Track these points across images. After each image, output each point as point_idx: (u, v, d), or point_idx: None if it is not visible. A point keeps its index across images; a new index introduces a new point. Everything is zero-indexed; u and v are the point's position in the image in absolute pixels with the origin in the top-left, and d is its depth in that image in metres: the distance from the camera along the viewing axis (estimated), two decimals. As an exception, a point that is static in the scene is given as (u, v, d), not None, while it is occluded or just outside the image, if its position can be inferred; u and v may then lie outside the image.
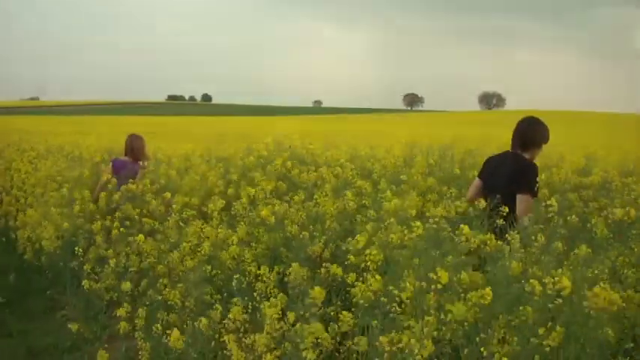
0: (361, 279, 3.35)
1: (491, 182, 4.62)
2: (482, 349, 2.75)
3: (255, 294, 3.77)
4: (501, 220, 3.80)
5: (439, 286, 2.81)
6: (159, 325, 4.02)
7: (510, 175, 4.46)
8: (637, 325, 2.99)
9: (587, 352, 2.73)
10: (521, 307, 2.75)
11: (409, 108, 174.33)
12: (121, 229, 5.57)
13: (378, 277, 3.22)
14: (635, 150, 7.47)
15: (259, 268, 3.97)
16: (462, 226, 3.32)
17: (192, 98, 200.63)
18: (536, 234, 3.32)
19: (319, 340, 3.09)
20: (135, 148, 7.41)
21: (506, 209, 3.90)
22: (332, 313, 3.53)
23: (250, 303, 3.71)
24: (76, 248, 5.62)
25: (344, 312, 3.24)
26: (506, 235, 3.31)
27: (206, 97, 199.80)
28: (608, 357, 2.76)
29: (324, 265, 3.87)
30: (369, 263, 3.39)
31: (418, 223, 3.31)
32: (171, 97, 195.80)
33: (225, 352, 3.50)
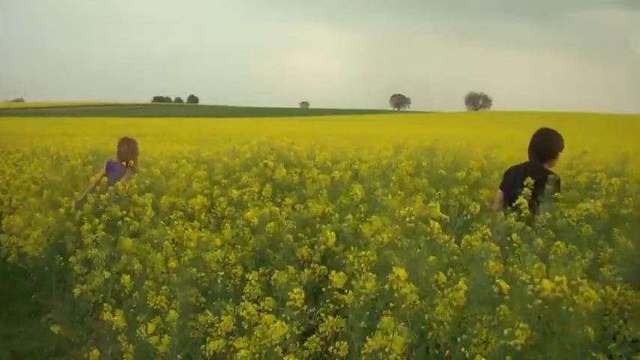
0: (352, 281, 3.35)
1: (512, 193, 4.44)
2: (463, 349, 2.78)
3: (243, 297, 3.77)
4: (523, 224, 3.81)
5: (401, 284, 2.80)
6: (144, 327, 4.00)
7: (534, 186, 4.38)
8: (616, 323, 3.03)
9: (568, 350, 2.76)
10: (497, 307, 2.78)
11: (396, 109, 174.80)
12: (102, 232, 5.52)
13: (372, 275, 3.21)
14: (625, 150, 7.55)
15: (246, 271, 3.97)
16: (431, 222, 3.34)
17: (178, 100, 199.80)
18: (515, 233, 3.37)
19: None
20: (124, 151, 7.39)
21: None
22: (319, 315, 3.53)
23: (236, 306, 3.70)
24: (58, 257, 5.57)
25: (330, 317, 3.24)
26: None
27: (192, 99, 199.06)
28: (589, 355, 2.78)
29: (311, 266, 3.88)
30: (362, 265, 3.39)
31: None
32: (157, 99, 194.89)
33: (210, 354, 3.49)
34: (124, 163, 7.18)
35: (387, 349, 2.68)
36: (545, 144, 4.98)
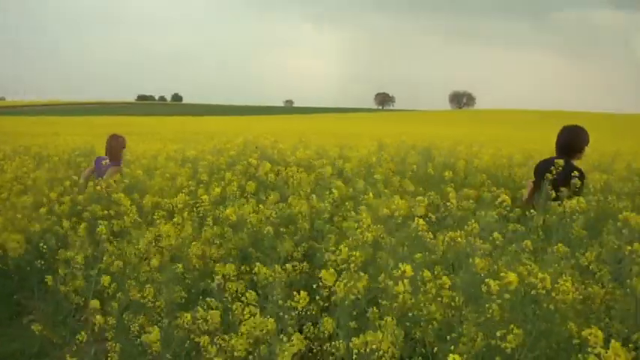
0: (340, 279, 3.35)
1: (542, 186, 4.70)
2: (452, 347, 2.78)
3: (226, 294, 3.76)
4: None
5: (405, 282, 2.83)
6: (133, 326, 3.98)
7: (561, 179, 4.62)
8: (602, 320, 3.06)
9: (553, 348, 2.78)
10: (487, 305, 2.79)
11: (380, 107, 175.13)
12: (83, 232, 5.47)
13: (363, 274, 3.21)
14: (609, 148, 7.67)
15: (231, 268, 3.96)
16: (418, 220, 3.37)
17: (162, 98, 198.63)
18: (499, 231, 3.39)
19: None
20: (110, 147, 7.51)
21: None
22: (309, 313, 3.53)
23: (221, 303, 3.70)
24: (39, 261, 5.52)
25: (326, 318, 3.24)
26: None
27: (176, 97, 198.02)
28: (573, 352, 2.80)
29: (292, 264, 3.88)
30: (351, 265, 3.39)
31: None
32: (141, 97, 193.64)
33: (198, 353, 3.48)
34: (110, 159, 7.32)
35: (375, 347, 2.67)
36: (571, 140, 5.26)
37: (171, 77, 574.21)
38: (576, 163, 5.19)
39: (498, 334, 2.63)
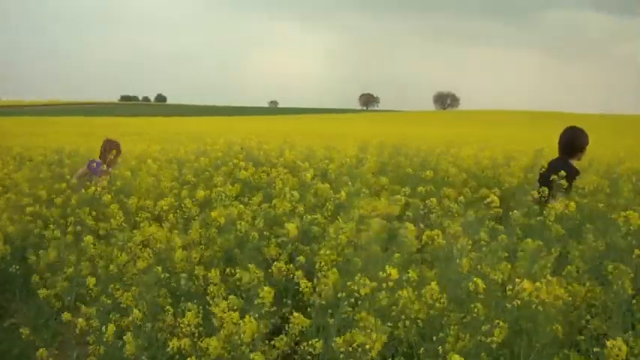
0: (315, 278, 3.37)
1: (546, 184, 5.07)
2: (439, 347, 2.79)
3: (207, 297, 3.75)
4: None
5: (390, 283, 2.84)
6: (109, 329, 3.94)
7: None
8: (583, 318, 3.09)
9: (537, 347, 2.80)
10: (472, 304, 2.81)
11: (365, 108, 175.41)
12: (71, 236, 5.42)
13: (334, 270, 3.22)
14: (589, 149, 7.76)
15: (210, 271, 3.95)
16: (406, 223, 3.39)
17: (145, 99, 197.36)
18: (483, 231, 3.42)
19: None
20: (103, 151, 7.57)
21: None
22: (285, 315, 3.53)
23: (203, 306, 3.68)
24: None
25: (295, 314, 3.24)
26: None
27: (160, 98, 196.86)
28: (557, 350, 2.83)
29: (275, 265, 3.86)
30: (323, 263, 3.41)
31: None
32: (124, 98, 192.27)
33: (181, 356, 3.46)
34: (103, 162, 7.31)
35: (360, 348, 2.67)
36: (573, 140, 5.63)
37: (155, 78, 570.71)
38: (575, 163, 5.57)
39: (483, 328, 2.64)
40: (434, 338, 2.86)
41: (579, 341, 2.93)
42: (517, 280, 2.75)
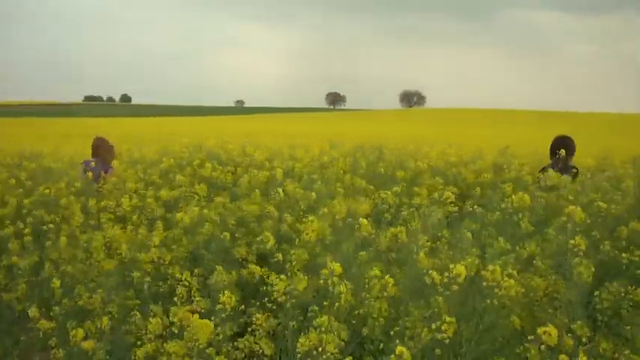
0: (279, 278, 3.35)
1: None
2: (397, 341, 2.80)
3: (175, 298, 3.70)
4: None
5: (335, 278, 2.84)
6: (74, 333, 3.87)
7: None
8: (545, 312, 3.13)
9: (500, 341, 2.83)
10: (432, 299, 2.82)
11: (332, 107, 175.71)
12: (29, 237, 5.30)
13: (302, 276, 3.21)
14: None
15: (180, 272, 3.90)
16: (360, 220, 3.40)
17: (110, 99, 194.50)
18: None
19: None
20: (95, 148, 7.37)
21: None
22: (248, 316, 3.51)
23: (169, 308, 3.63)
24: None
25: (257, 315, 3.22)
26: None
27: (125, 98, 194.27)
28: (519, 343, 2.86)
29: (246, 267, 3.85)
30: (294, 263, 3.40)
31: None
32: (88, 98, 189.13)
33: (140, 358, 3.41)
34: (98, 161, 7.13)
35: (320, 349, 2.66)
36: (564, 147, 5.99)
37: (120, 77, 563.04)
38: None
39: (434, 326, 2.66)
40: (391, 333, 2.86)
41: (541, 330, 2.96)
42: (451, 266, 2.77)
